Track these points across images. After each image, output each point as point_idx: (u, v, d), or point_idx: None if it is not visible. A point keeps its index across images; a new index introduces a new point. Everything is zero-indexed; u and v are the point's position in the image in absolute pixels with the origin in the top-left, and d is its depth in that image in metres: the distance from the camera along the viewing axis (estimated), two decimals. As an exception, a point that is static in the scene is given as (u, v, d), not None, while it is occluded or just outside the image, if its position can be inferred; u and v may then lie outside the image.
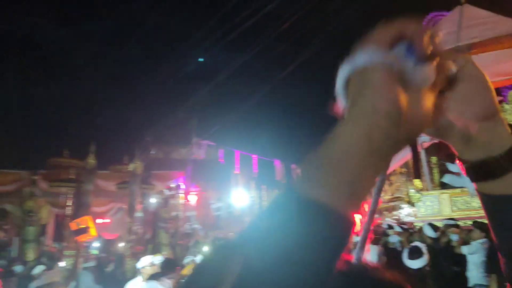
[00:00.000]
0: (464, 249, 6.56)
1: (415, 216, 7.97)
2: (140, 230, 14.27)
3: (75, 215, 11.39)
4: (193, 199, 16.60)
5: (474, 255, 6.35)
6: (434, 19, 18.39)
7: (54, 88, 20.28)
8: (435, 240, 6.87)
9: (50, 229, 11.66)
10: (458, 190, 7.60)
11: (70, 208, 12.59)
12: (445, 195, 7.57)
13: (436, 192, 7.87)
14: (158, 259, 6.87)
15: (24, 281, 7.57)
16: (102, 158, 12.77)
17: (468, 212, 6.95)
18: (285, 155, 19.40)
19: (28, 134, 18.79)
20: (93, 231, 9.33)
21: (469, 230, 6.90)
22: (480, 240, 6.40)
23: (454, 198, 7.50)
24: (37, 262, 9.67)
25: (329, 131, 0.48)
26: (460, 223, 7.16)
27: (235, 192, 19.58)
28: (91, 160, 10.81)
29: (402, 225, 7.97)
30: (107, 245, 16.10)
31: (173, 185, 15.27)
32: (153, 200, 13.25)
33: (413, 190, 8.05)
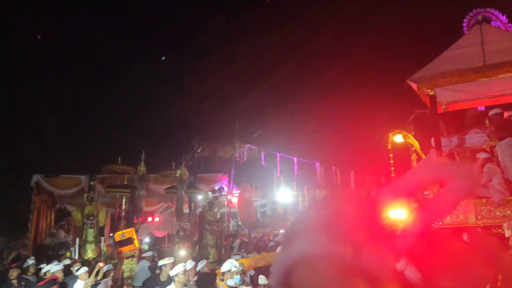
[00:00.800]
0: None
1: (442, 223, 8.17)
2: (187, 226, 15.15)
3: (129, 217, 12.38)
4: (236, 201, 17.27)
5: None
6: (476, 16, 17.95)
7: (110, 100, 21.68)
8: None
9: (107, 231, 12.69)
10: (483, 200, 7.81)
11: (124, 211, 13.66)
12: (470, 204, 7.84)
13: (461, 201, 7.99)
14: (190, 264, 7.20)
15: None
16: (152, 163, 13.72)
17: (492, 221, 7.04)
18: (325, 157, 19.76)
19: (86, 143, 20.28)
20: (136, 242, 9.94)
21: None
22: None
23: (479, 207, 7.74)
24: (97, 261, 10.69)
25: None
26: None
27: (278, 191, 20.14)
28: (142, 168, 11.66)
29: None
30: (157, 242, 17.10)
31: (217, 187, 15.97)
32: (199, 203, 14.02)
33: None
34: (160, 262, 7.52)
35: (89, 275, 8.16)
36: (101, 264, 8.91)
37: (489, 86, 9.32)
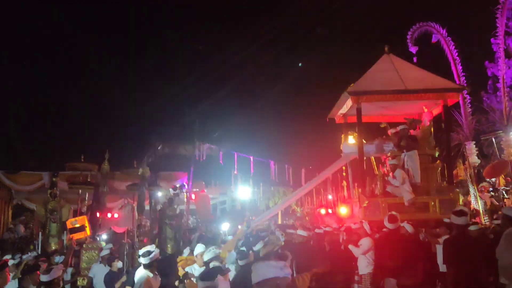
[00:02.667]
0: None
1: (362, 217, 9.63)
2: (147, 224, 15.82)
3: (91, 213, 12.97)
4: (195, 197, 18.08)
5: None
6: (419, 29, 19.59)
7: (72, 98, 21.86)
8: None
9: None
10: (397, 199, 9.42)
11: (87, 207, 14.18)
12: (385, 202, 9.43)
13: (379, 199, 9.54)
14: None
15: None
16: (115, 161, 14.33)
17: (401, 216, 8.38)
18: (279, 156, 21.06)
19: (49, 140, 20.39)
20: (88, 230, 10.49)
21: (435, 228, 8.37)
22: (445, 236, 7.76)
23: (391, 204, 9.33)
24: (60, 254, 11.24)
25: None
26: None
27: (236, 189, 21.12)
28: (106, 166, 12.28)
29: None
30: (116, 237, 17.59)
31: (177, 184, 16.70)
32: (159, 200, 14.74)
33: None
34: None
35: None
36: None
37: (397, 106, 11.09)
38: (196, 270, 6.70)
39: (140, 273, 6.12)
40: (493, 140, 18.23)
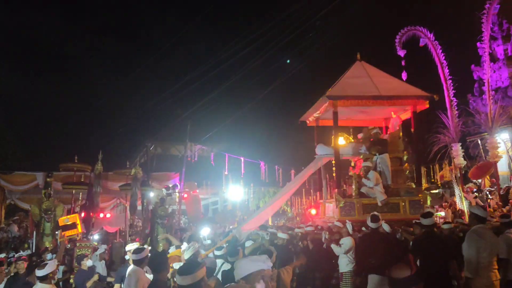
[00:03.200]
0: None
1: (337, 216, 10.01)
2: (139, 223, 16.08)
3: (85, 213, 13.20)
4: (187, 197, 18.35)
5: None
6: (407, 33, 19.96)
7: (67, 99, 22.08)
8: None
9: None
10: (371, 199, 9.86)
11: (80, 206, 14.44)
12: (359, 202, 9.84)
13: (354, 200, 9.94)
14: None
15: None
16: (108, 162, 14.59)
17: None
18: (269, 157, 21.42)
19: (43, 140, 20.59)
20: (79, 227, 10.70)
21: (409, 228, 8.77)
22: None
23: (365, 205, 9.80)
24: (53, 253, 11.48)
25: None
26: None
27: (228, 189, 21.42)
28: (99, 166, 12.53)
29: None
30: (109, 236, 17.84)
31: (169, 185, 16.98)
32: (151, 199, 15.02)
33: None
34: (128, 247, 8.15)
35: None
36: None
37: (367, 110, 11.51)
38: None
39: (130, 269, 6.41)
40: (479, 142, 18.63)
